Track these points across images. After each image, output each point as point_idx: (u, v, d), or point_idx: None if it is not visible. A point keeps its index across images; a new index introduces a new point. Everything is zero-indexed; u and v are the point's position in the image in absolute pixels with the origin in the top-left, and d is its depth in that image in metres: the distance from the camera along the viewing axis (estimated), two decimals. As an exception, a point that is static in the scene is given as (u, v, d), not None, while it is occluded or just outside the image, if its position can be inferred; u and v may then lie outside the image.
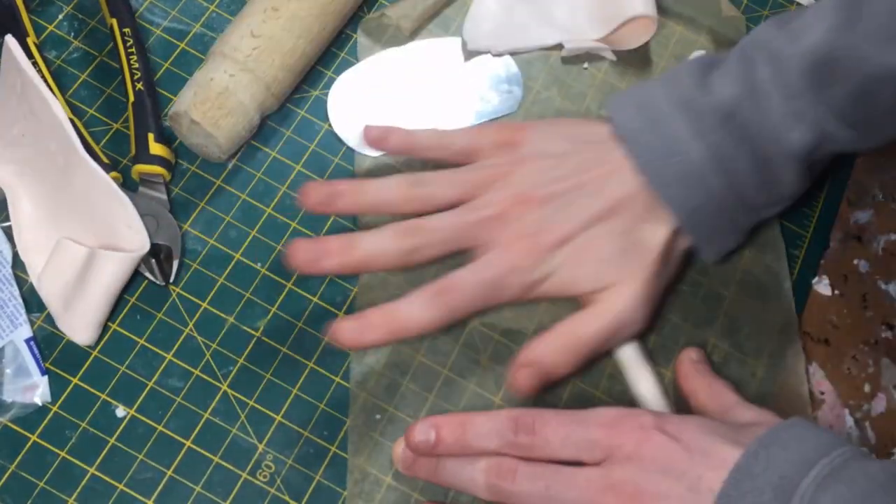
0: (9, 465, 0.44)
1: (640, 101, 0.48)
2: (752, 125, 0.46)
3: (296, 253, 0.45)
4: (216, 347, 0.48)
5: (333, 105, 0.53)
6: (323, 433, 0.47)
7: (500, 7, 0.56)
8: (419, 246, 0.46)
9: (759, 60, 0.47)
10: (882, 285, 0.55)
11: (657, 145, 0.46)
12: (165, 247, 0.48)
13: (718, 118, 0.46)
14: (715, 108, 0.46)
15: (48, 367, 0.46)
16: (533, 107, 0.55)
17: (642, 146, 0.47)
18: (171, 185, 0.50)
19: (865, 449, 0.50)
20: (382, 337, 0.45)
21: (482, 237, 0.46)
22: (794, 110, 0.46)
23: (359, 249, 0.45)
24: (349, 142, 0.52)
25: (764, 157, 0.47)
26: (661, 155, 0.46)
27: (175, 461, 0.45)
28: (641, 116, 0.47)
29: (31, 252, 0.47)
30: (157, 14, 0.54)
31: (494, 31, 0.56)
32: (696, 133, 0.46)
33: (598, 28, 0.56)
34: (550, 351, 0.46)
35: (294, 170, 0.52)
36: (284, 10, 0.50)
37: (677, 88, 0.47)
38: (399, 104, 0.54)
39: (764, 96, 0.46)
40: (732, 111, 0.46)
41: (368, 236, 0.46)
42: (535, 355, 0.45)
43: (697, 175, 0.46)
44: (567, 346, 0.46)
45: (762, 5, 0.61)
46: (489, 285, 0.46)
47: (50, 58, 0.52)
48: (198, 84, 0.49)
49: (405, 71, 0.55)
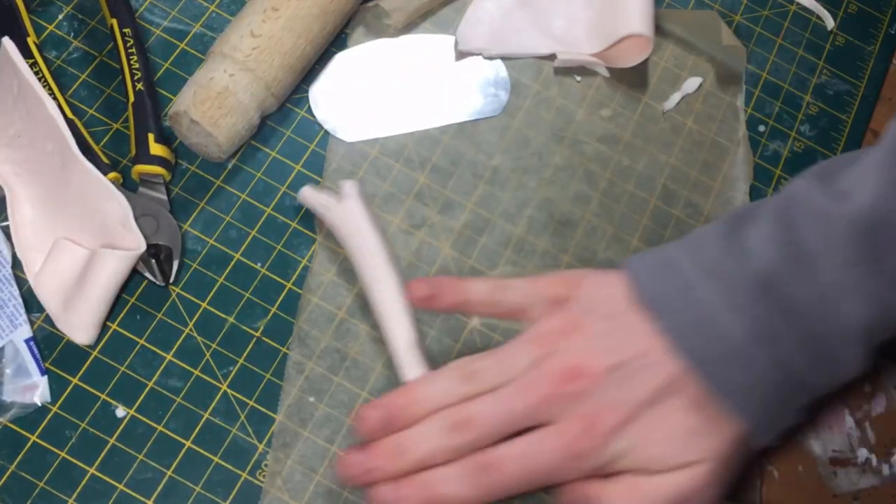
0: (9, 465, 0.44)
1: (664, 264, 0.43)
2: (796, 298, 0.41)
3: (345, 468, 0.43)
4: (216, 347, 0.48)
5: (317, 87, 0.53)
6: (323, 433, 0.47)
7: (498, 11, 0.56)
8: (472, 441, 0.42)
9: (801, 222, 0.41)
10: (882, 285, 0.54)
11: (689, 318, 0.42)
12: (165, 247, 0.48)
13: (755, 287, 0.41)
14: (750, 277, 0.41)
15: (48, 367, 0.46)
16: (517, 112, 0.55)
17: (672, 319, 0.42)
18: (171, 185, 0.50)
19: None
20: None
21: (535, 419, 0.42)
22: (848, 281, 0.40)
23: (410, 454, 0.42)
24: (325, 124, 0.53)
25: (813, 335, 0.41)
26: (695, 329, 0.41)
27: (175, 461, 0.45)
28: (668, 282, 0.42)
29: (29, 252, 0.47)
30: (157, 14, 0.54)
31: (489, 35, 0.55)
32: (732, 305, 0.41)
33: (593, 43, 0.56)
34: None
35: (294, 170, 0.52)
36: (284, 9, 0.50)
37: (706, 251, 0.43)
38: (383, 94, 0.54)
39: (810, 264, 0.41)
40: (772, 280, 0.41)
41: (418, 437, 0.42)
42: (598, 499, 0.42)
43: (740, 352, 0.41)
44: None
45: (762, 5, 0.61)
46: (541, 472, 0.42)
47: (50, 58, 0.52)
48: (197, 84, 0.49)
49: (393, 63, 0.55)
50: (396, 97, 0.54)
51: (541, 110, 0.55)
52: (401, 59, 0.55)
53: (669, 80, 0.57)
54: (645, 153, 0.55)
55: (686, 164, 0.55)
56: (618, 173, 0.54)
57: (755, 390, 0.41)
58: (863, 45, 0.61)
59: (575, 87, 0.56)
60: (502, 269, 0.51)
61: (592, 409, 0.42)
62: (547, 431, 0.42)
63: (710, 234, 0.44)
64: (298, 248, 0.50)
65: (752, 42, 0.59)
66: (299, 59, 0.50)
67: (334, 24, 0.52)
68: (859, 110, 0.59)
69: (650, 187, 0.54)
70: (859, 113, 0.59)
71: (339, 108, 0.52)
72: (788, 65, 0.59)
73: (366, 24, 0.55)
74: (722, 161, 0.55)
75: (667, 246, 0.44)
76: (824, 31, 0.61)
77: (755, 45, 0.59)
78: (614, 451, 0.42)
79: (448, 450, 0.42)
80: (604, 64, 0.56)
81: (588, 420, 0.42)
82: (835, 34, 0.61)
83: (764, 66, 0.59)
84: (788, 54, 0.59)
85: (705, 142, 0.56)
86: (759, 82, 0.58)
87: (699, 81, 0.56)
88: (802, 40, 0.60)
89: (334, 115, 0.53)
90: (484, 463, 0.42)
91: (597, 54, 0.56)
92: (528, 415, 0.42)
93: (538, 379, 0.42)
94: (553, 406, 0.42)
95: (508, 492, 0.42)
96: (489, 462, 0.42)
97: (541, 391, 0.42)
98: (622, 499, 0.42)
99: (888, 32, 0.61)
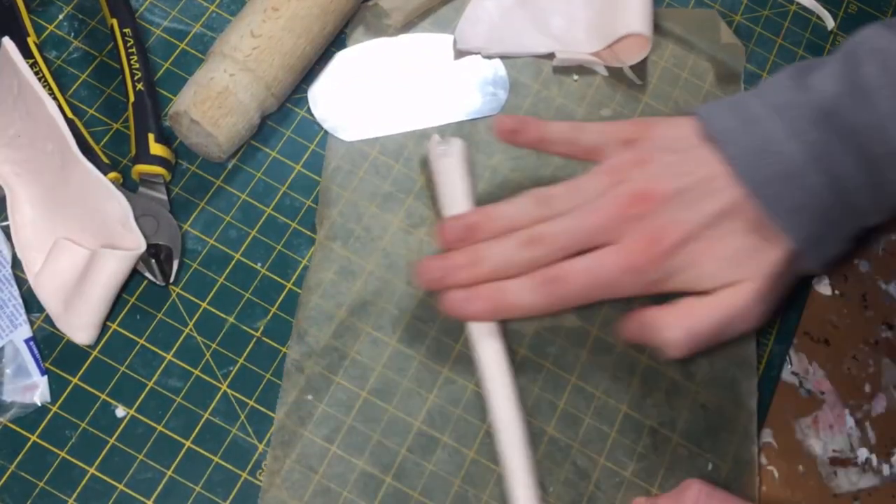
0: (9, 465, 0.44)
1: (732, 105, 0.46)
2: (855, 124, 0.44)
3: (424, 271, 0.47)
4: (216, 347, 0.48)
5: (316, 87, 0.53)
6: (323, 433, 0.47)
7: (497, 10, 0.56)
8: (543, 255, 0.46)
9: (865, 58, 0.45)
10: (882, 285, 0.54)
11: (752, 146, 0.45)
12: (165, 247, 0.48)
13: (817, 116, 0.44)
14: (813, 107, 0.44)
15: (48, 367, 0.46)
16: (517, 112, 0.54)
17: (737, 147, 0.45)
18: (171, 185, 0.50)
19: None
20: (487, 311, 0.46)
21: (602, 238, 0.46)
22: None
23: (486, 263, 0.46)
24: (324, 123, 0.53)
25: (869, 157, 0.44)
26: (757, 155, 0.45)
27: (175, 461, 0.45)
28: (735, 118, 0.46)
29: (29, 252, 0.47)
30: (157, 14, 0.54)
31: (488, 33, 0.55)
32: (793, 132, 0.44)
33: (592, 42, 0.56)
34: (668, 325, 0.45)
35: (294, 170, 0.52)
36: (284, 9, 0.50)
37: (773, 91, 0.46)
38: (381, 94, 0.54)
39: (870, 93, 0.44)
40: (834, 109, 0.44)
41: (494, 249, 0.46)
42: (655, 323, 0.45)
43: (797, 175, 0.44)
44: (684, 326, 0.45)
45: (762, 5, 0.61)
46: (603, 285, 0.46)
47: (50, 58, 0.52)
48: (197, 83, 0.49)
49: (392, 62, 0.55)
50: (395, 96, 0.54)
51: (540, 110, 0.55)
52: (400, 58, 0.55)
53: (669, 79, 0.57)
54: None
55: None
56: None
57: (807, 211, 0.44)
58: (863, 45, 0.61)
59: (574, 86, 0.56)
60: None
61: (657, 227, 0.45)
62: (611, 248, 0.45)
63: (777, 79, 0.47)
64: (298, 248, 0.50)
65: (752, 42, 0.59)
66: (299, 59, 0.50)
67: (334, 24, 0.52)
68: (859, 110, 0.59)
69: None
70: (859, 113, 0.59)
71: (338, 108, 0.53)
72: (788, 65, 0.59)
73: (365, 24, 0.55)
74: None
75: (738, 94, 0.48)
76: (824, 31, 0.61)
77: (755, 44, 0.59)
78: (671, 267, 0.45)
79: (520, 262, 0.46)
80: (603, 63, 0.56)
81: (651, 237, 0.45)
82: (835, 34, 0.61)
83: (764, 66, 0.59)
84: (788, 54, 0.59)
85: None
86: (759, 82, 0.58)
87: None
88: (802, 40, 0.60)
89: (333, 115, 0.53)
90: (552, 275, 0.45)
91: (596, 53, 0.56)
92: (596, 233, 0.46)
93: (608, 202, 0.46)
94: (619, 226, 0.45)
95: (572, 302, 0.46)
96: (557, 274, 0.45)
97: (609, 211, 0.45)
98: (677, 319, 0.45)
99: (888, 32, 0.61)
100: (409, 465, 0.46)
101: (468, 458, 0.47)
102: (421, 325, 0.49)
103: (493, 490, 0.47)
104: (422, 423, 0.47)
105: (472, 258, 0.46)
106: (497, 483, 0.47)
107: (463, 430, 0.47)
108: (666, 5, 0.59)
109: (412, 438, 0.47)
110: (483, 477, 0.47)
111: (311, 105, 0.53)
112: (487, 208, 0.48)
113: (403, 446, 0.47)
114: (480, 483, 0.47)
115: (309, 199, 0.51)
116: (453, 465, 0.47)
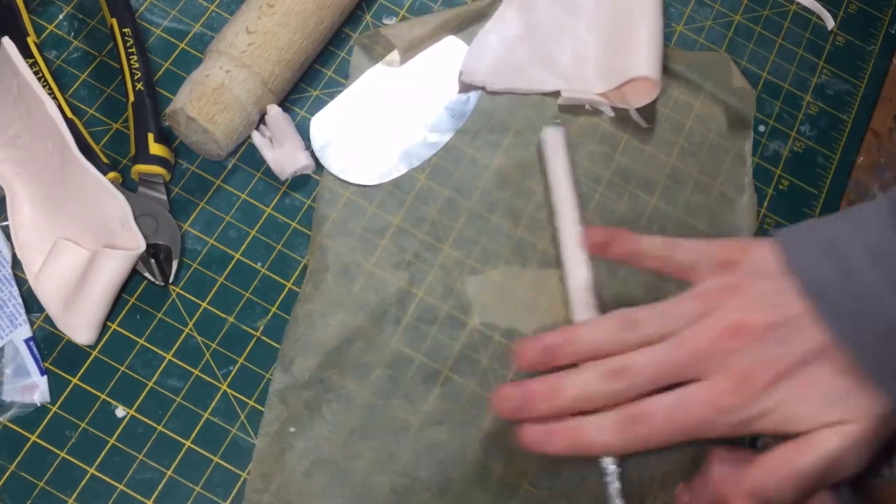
0: (9, 465, 0.44)
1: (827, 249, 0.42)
2: None
3: (502, 400, 0.44)
4: (216, 347, 0.48)
5: (316, 132, 0.52)
6: (323, 433, 0.47)
7: (503, 44, 0.55)
8: (626, 388, 0.43)
9: None
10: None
11: (850, 305, 0.41)
12: (165, 247, 0.48)
13: None
14: None
15: (48, 366, 0.46)
16: (515, 150, 0.53)
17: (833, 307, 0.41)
18: (170, 184, 0.50)
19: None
20: (564, 450, 0.43)
21: (690, 373, 0.43)
22: None
23: (565, 394, 0.44)
24: (331, 168, 0.51)
25: None
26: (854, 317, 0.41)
27: (175, 461, 0.45)
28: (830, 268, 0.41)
29: (29, 252, 0.47)
30: (157, 14, 0.54)
31: (493, 68, 0.54)
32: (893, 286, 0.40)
33: (599, 82, 0.54)
34: (772, 484, 0.42)
35: (294, 170, 0.52)
36: (280, 5, 0.50)
37: (869, 227, 0.42)
38: (381, 125, 0.53)
39: None
40: None
41: (574, 380, 0.44)
42: (757, 486, 0.42)
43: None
44: (786, 480, 0.42)
45: (762, 5, 0.61)
46: (690, 426, 0.43)
47: (50, 58, 0.52)
48: (194, 81, 0.49)
49: (392, 91, 0.54)
50: (394, 123, 0.53)
51: None
52: (400, 85, 0.54)
53: (673, 123, 0.55)
54: (646, 193, 0.54)
55: (690, 216, 0.54)
56: (618, 174, 0.54)
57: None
58: (863, 45, 0.61)
59: (578, 125, 0.54)
60: (502, 269, 0.51)
61: (747, 365, 0.42)
62: (699, 385, 0.43)
63: (870, 213, 0.43)
64: (298, 248, 0.50)
65: (752, 42, 0.59)
66: (296, 54, 0.50)
67: (331, 19, 0.52)
68: (859, 110, 0.59)
69: (645, 210, 0.54)
70: (859, 113, 0.59)
71: (342, 150, 0.52)
72: (788, 65, 0.59)
73: (366, 51, 0.54)
74: (726, 209, 0.54)
75: (826, 222, 0.44)
76: (824, 31, 0.61)
77: (755, 45, 0.59)
78: (763, 407, 0.42)
79: (602, 395, 0.43)
80: (609, 104, 0.55)
81: (742, 374, 0.42)
82: (835, 34, 0.61)
83: (764, 66, 0.59)
84: (788, 54, 0.59)
85: (712, 192, 0.54)
86: (759, 82, 0.58)
87: None
88: (802, 40, 0.60)
89: (337, 158, 0.52)
90: (634, 414, 0.43)
91: (602, 94, 0.54)
92: (684, 368, 0.43)
93: (699, 333, 0.43)
94: (709, 360, 0.43)
95: (654, 444, 0.43)
96: (639, 413, 0.43)
97: (699, 345, 0.43)
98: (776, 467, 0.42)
99: (888, 32, 0.61)
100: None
101: None
102: (421, 324, 0.49)
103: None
104: (406, 464, 0.46)
105: (552, 388, 0.44)
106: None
107: (445, 472, 0.46)
108: (675, 41, 0.59)
109: (396, 478, 0.46)
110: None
111: (315, 150, 0.52)
112: (568, 330, 0.45)
113: (388, 486, 0.46)
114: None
115: (309, 199, 0.51)
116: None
